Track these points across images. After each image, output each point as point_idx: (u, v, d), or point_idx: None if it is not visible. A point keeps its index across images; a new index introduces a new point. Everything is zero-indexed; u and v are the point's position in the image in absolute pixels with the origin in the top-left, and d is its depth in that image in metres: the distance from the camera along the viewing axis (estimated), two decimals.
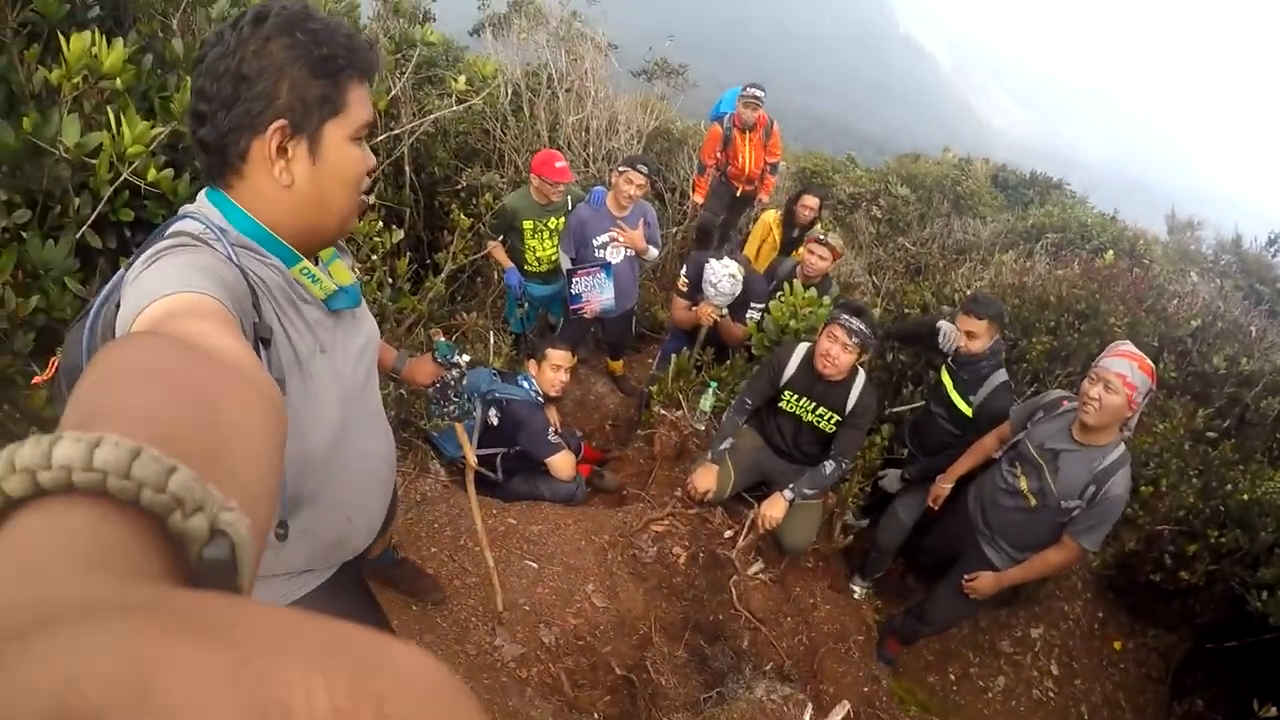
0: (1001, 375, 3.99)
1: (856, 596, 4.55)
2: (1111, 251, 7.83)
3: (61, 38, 2.36)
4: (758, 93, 6.74)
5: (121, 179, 2.43)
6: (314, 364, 1.41)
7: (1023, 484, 3.50)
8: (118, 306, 1.10)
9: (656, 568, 3.91)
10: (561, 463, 4.19)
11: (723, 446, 4.21)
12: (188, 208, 1.30)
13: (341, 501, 1.62)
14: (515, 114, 7.68)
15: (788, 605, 4.09)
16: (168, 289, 0.98)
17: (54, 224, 2.49)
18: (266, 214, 1.30)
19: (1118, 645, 4.70)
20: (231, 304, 1.04)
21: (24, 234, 2.32)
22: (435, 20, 8.64)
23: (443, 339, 2.41)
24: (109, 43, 2.42)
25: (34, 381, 1.59)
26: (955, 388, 4.09)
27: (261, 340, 1.21)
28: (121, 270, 1.20)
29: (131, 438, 0.43)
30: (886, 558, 4.50)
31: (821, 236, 5.17)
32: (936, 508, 4.12)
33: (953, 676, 4.51)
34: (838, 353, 3.74)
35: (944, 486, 4.08)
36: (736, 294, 4.82)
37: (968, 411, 4.02)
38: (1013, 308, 5.26)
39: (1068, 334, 5.03)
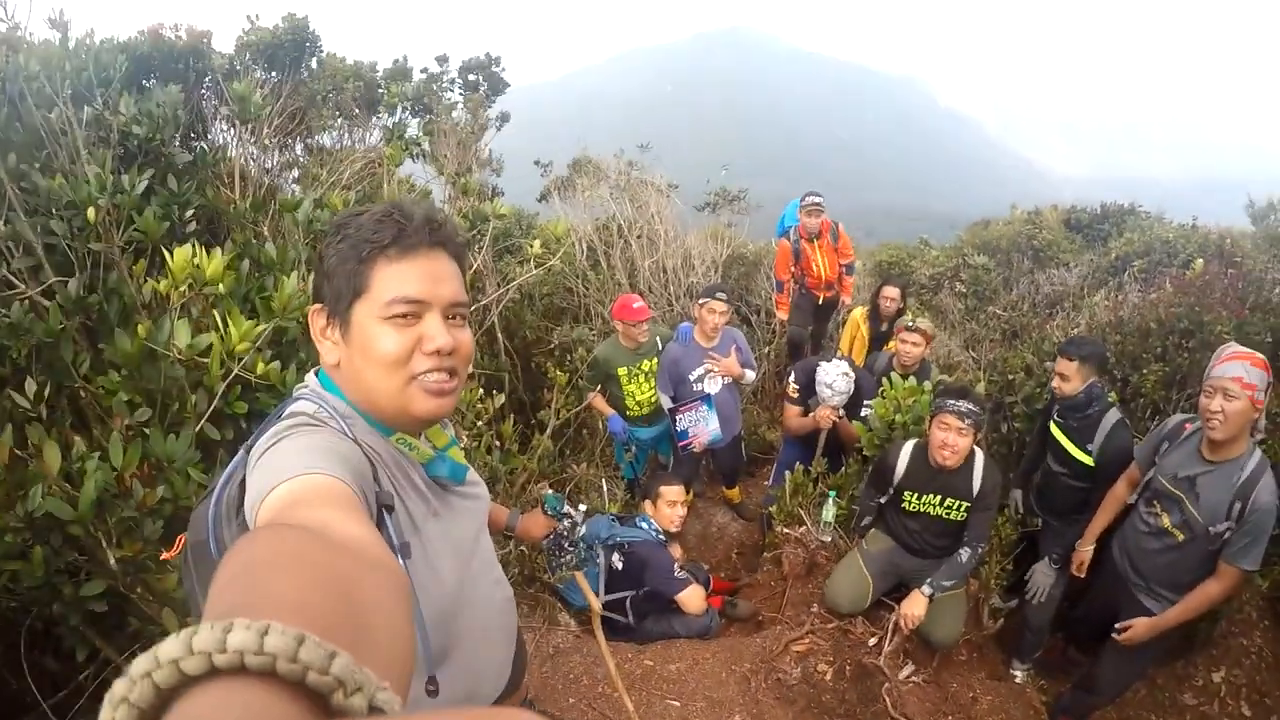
0: (1114, 415, 3.88)
1: (1019, 681, 4.33)
2: (1200, 260, 7.55)
3: (165, 252, 2.68)
4: (816, 199, 6.85)
5: (233, 375, 2.68)
6: (428, 528, 1.49)
7: (1165, 521, 3.34)
8: (240, 485, 1.23)
9: (803, 688, 3.82)
10: (691, 597, 4.20)
11: (864, 524, 4.30)
12: (300, 389, 1.44)
13: (467, 657, 1.67)
14: (593, 268, 8.05)
15: (947, 704, 3.93)
16: (292, 471, 1.08)
17: (174, 419, 2.75)
18: (346, 391, 1.41)
19: None
20: (354, 482, 1.13)
21: (146, 430, 2.55)
22: (503, 194, 9.23)
23: (550, 491, 2.50)
24: (208, 253, 2.73)
25: (163, 557, 1.74)
26: (1070, 440, 3.99)
27: (385, 508, 1.27)
28: (241, 452, 1.32)
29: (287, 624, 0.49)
30: (1042, 635, 4.30)
31: (910, 323, 5.18)
32: (1082, 574, 3.95)
33: None
34: (954, 439, 3.72)
35: (1085, 550, 3.92)
36: (851, 392, 4.86)
37: (1089, 461, 3.90)
38: (1115, 345, 5.12)
39: (1177, 356, 4.84)
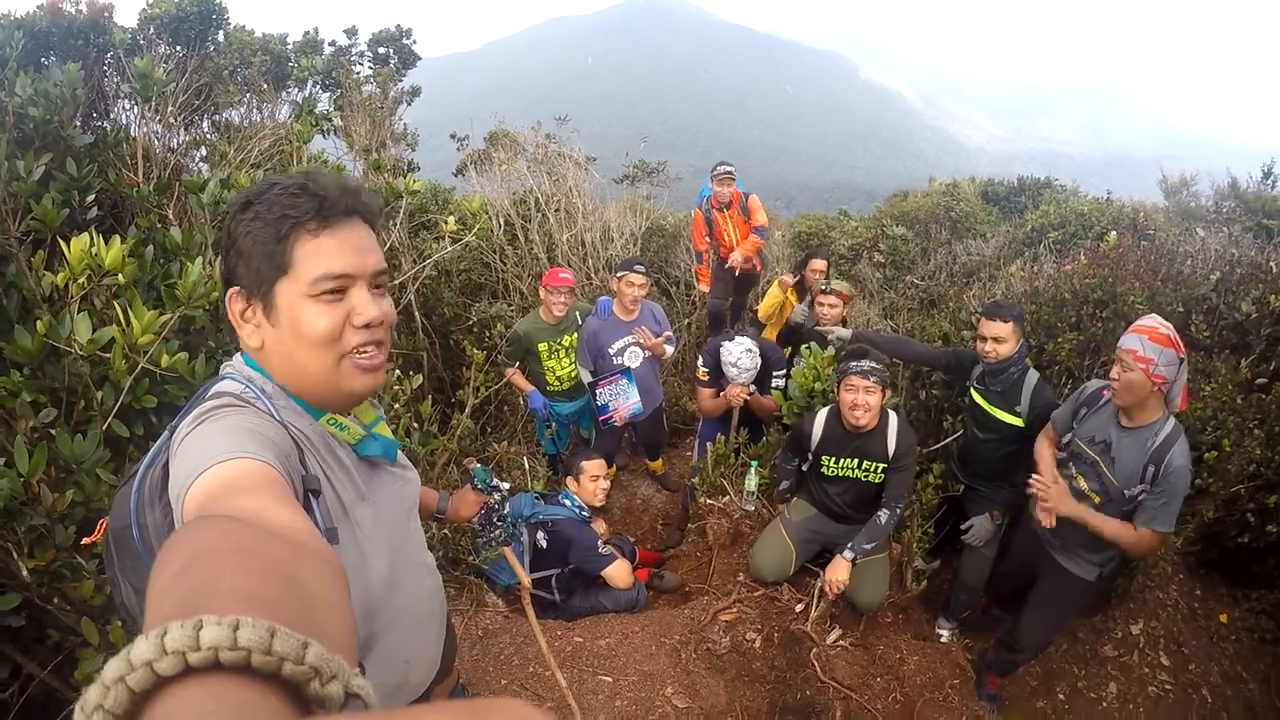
0: (1034, 374, 3.96)
1: (944, 640, 4.42)
2: (1113, 233, 7.74)
3: (62, 242, 2.51)
4: (727, 168, 6.87)
5: (139, 368, 2.53)
6: (358, 511, 1.43)
7: (1082, 484, 3.40)
8: (164, 468, 1.16)
9: (733, 657, 3.83)
10: (616, 572, 4.18)
11: (784, 489, 4.33)
12: (226, 368, 1.36)
13: (398, 645, 1.63)
14: (511, 243, 7.90)
15: (874, 666, 3.99)
16: (219, 455, 1.02)
17: (80, 418, 2.61)
18: (273, 374, 1.35)
19: (1223, 618, 4.53)
20: (280, 465, 1.08)
21: (53, 431, 2.41)
22: (419, 169, 9.00)
23: (478, 465, 2.43)
24: (108, 240, 2.57)
25: (83, 541, 1.64)
26: (995, 405, 4.03)
27: (311, 491, 1.24)
28: (166, 433, 1.25)
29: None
30: (975, 593, 4.39)
31: (825, 286, 5.23)
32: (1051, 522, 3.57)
33: (1061, 696, 4.31)
34: (863, 398, 3.77)
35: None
36: (758, 367, 4.85)
37: (1019, 423, 3.95)
38: (1030, 313, 5.21)
39: (1091, 325, 4.95)
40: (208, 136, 6.63)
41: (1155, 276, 5.49)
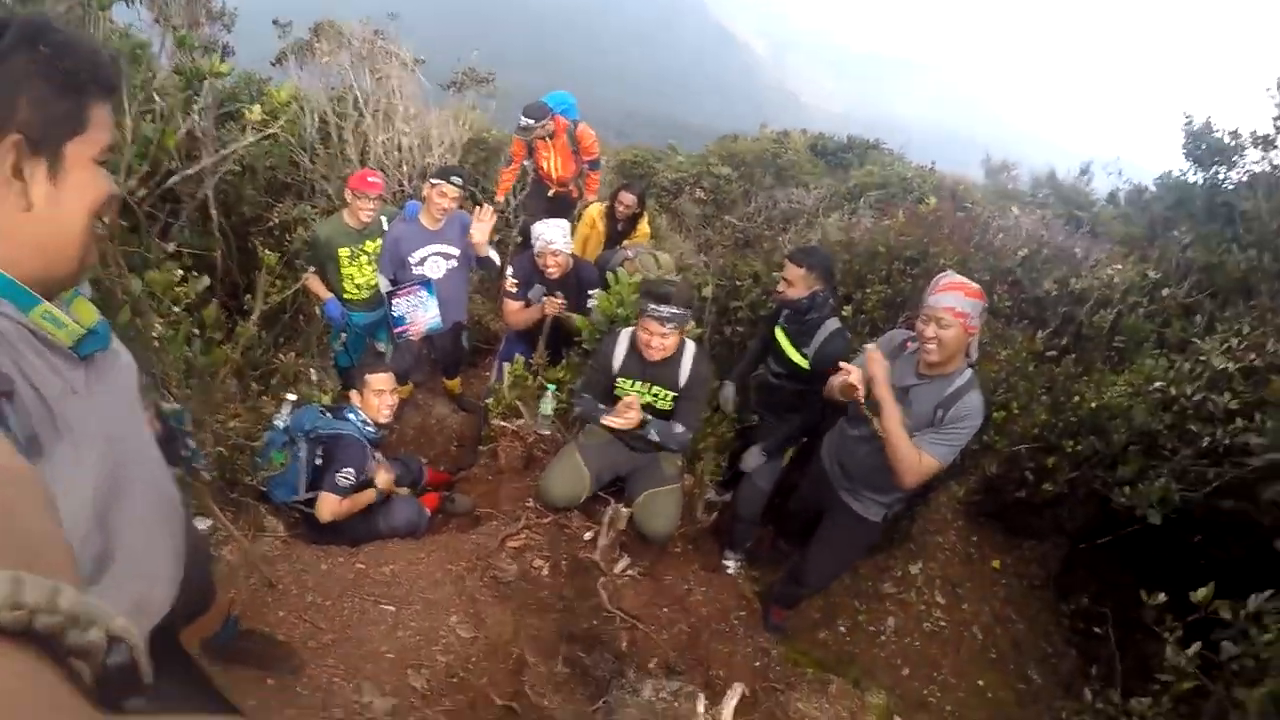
0: (834, 323, 4.03)
1: (731, 572, 4.53)
2: (933, 198, 8.10)
3: None
4: (525, 121, 6.42)
5: None
6: (66, 408, 1.25)
7: (875, 424, 3.41)
8: None
9: (520, 585, 3.75)
10: (322, 505, 3.84)
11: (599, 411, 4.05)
12: None
13: (133, 554, 1.42)
14: (323, 141, 7.37)
15: (662, 596, 4.02)
16: None
17: None
18: (13, 249, 1.17)
19: (996, 564, 4.89)
20: None
21: None
22: (234, 54, 8.17)
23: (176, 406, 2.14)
24: None
25: None
26: (791, 343, 4.12)
27: (3, 394, 1.11)
28: None
29: None
30: (751, 526, 4.50)
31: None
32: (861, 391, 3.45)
33: (843, 629, 4.55)
34: (659, 342, 3.72)
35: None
36: (568, 244, 4.82)
37: (804, 364, 4.04)
38: (843, 264, 5.35)
39: (900, 280, 5.15)
40: None
41: (968, 243, 5.77)
